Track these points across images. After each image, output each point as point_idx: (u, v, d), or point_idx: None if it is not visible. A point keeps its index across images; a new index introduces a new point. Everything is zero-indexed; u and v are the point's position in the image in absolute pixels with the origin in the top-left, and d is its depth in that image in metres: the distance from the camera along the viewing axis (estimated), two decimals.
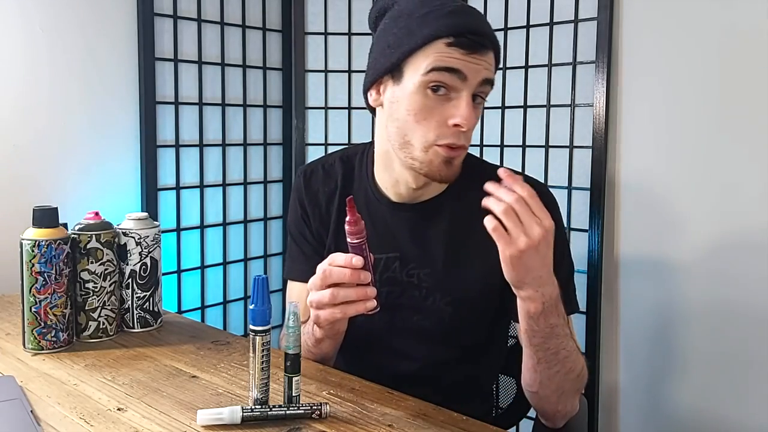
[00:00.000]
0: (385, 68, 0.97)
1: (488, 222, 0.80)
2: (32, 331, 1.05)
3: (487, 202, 0.81)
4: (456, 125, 0.92)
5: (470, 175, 1.05)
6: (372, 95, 1.01)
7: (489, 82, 0.95)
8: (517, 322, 1.02)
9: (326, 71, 2.06)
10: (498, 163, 1.90)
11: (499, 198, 0.80)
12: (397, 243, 1.05)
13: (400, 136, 0.97)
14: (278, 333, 1.20)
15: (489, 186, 0.82)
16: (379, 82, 1.00)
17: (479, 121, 1.04)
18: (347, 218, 0.89)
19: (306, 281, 1.08)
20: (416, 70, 0.93)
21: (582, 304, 1.77)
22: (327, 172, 1.12)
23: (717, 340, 1.57)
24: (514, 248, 0.79)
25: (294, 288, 1.16)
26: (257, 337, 0.84)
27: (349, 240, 0.89)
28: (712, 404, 1.59)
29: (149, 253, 1.17)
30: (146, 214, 1.19)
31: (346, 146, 1.19)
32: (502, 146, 1.91)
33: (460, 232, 1.03)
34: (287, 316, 0.85)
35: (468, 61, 0.92)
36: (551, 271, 0.84)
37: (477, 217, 1.02)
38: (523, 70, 1.86)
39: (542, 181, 1.82)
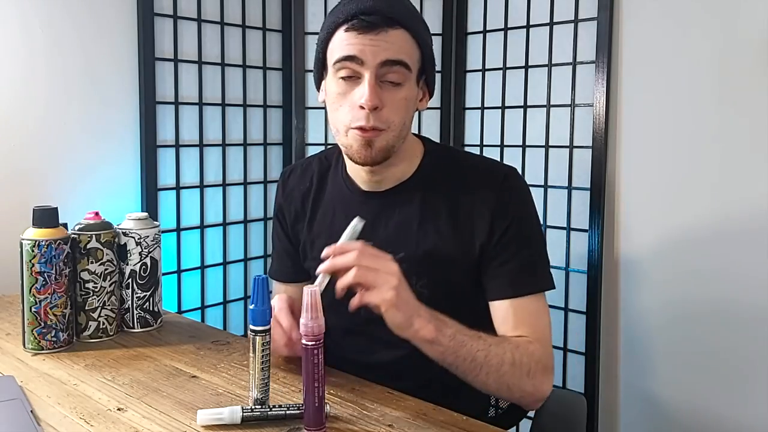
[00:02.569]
0: (316, 65, 1.04)
1: (354, 300, 0.85)
2: (32, 331, 1.06)
3: (339, 277, 0.85)
4: (361, 106, 0.95)
5: (437, 161, 1.09)
6: (320, 93, 1.06)
7: (394, 63, 0.95)
8: (489, 299, 1.04)
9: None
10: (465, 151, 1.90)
11: (341, 265, 0.85)
12: (369, 230, 1.04)
13: (332, 125, 1.02)
14: None
15: (323, 265, 0.87)
16: (320, 79, 1.05)
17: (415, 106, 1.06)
18: None
19: (279, 280, 1.21)
20: (330, 62, 0.98)
21: (582, 304, 1.78)
22: (304, 171, 1.18)
23: (717, 339, 1.57)
24: (385, 298, 0.84)
25: (274, 285, 1.24)
26: (257, 337, 0.84)
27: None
28: (711, 404, 1.59)
29: (149, 253, 1.17)
30: (146, 214, 1.20)
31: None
32: (502, 146, 1.91)
33: (430, 213, 1.05)
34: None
35: (364, 44, 0.94)
36: (407, 289, 0.88)
37: (445, 200, 1.05)
38: (523, 70, 1.86)
39: (542, 181, 1.83)
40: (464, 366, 0.91)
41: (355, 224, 0.92)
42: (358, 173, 1.08)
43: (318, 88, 1.06)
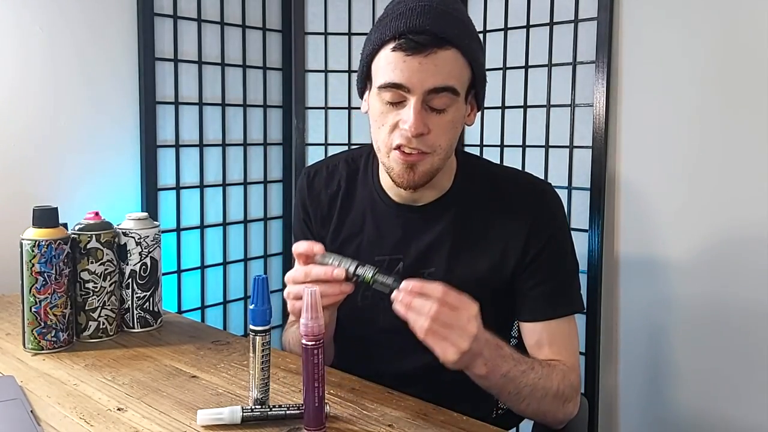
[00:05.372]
0: (360, 77, 0.99)
1: (421, 334, 0.81)
2: (32, 331, 1.05)
3: (405, 314, 0.81)
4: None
5: (472, 175, 1.06)
6: (362, 103, 1.03)
7: (442, 89, 0.90)
8: (521, 320, 1.03)
9: (326, 71, 2.06)
10: (498, 163, 1.90)
11: (418, 311, 0.80)
12: (400, 245, 1.05)
13: (373, 141, 0.99)
14: (278, 333, 1.20)
15: (398, 303, 0.82)
16: (363, 90, 1.01)
17: (476, 123, 1.01)
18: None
19: None
20: (375, 79, 0.94)
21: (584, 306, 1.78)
22: (330, 174, 1.12)
23: (716, 339, 1.57)
24: (445, 358, 0.81)
25: None
26: (257, 337, 0.84)
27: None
28: (711, 404, 1.59)
29: (149, 253, 1.17)
30: (146, 214, 1.19)
31: (355, 147, 1.19)
32: (502, 146, 1.91)
33: (463, 232, 1.03)
34: None
35: (412, 69, 0.89)
36: (481, 335, 0.83)
37: (480, 217, 1.02)
38: (523, 70, 1.86)
39: (546, 181, 1.83)
40: (506, 397, 0.91)
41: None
42: (393, 187, 1.04)
43: (361, 97, 1.03)
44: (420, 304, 0.80)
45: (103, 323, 1.13)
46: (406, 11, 0.91)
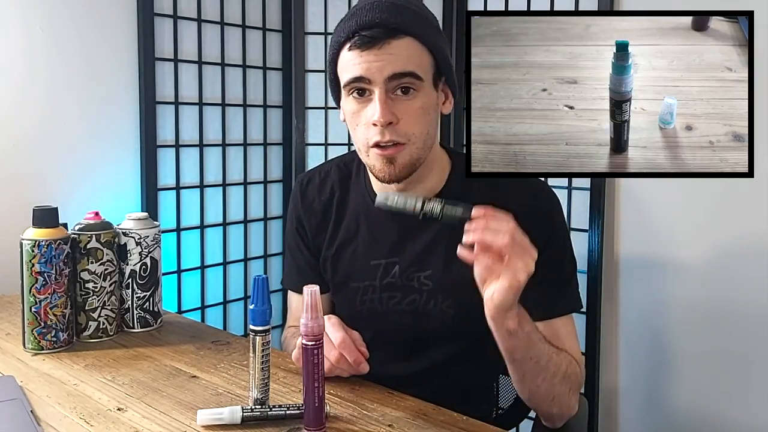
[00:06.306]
0: (331, 85, 1.01)
1: (482, 258, 0.79)
2: (32, 331, 1.05)
3: (482, 236, 0.78)
4: (374, 123, 0.93)
5: (464, 174, 1.05)
6: (339, 112, 1.03)
7: (403, 75, 0.92)
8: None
9: (326, 71, 2.05)
10: None
11: (496, 230, 0.78)
12: (396, 248, 1.05)
13: (354, 143, 1.00)
14: (278, 333, 1.20)
15: (473, 228, 0.79)
16: (338, 98, 1.02)
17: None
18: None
19: (299, 292, 1.10)
20: (342, 83, 0.96)
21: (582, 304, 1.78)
22: (323, 180, 1.13)
23: (716, 340, 1.57)
24: (517, 280, 0.78)
25: (292, 297, 1.19)
26: (257, 337, 0.84)
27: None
28: (711, 404, 1.59)
29: (149, 253, 1.17)
30: (146, 214, 1.19)
31: (347, 150, 1.19)
32: None
33: (458, 232, 1.02)
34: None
35: (369, 61, 0.91)
36: None
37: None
38: None
39: (543, 180, 1.82)
40: (527, 366, 0.88)
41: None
42: (383, 189, 1.04)
43: (338, 105, 1.04)
44: (497, 224, 0.78)
45: (103, 323, 1.13)
46: (357, 11, 0.94)
